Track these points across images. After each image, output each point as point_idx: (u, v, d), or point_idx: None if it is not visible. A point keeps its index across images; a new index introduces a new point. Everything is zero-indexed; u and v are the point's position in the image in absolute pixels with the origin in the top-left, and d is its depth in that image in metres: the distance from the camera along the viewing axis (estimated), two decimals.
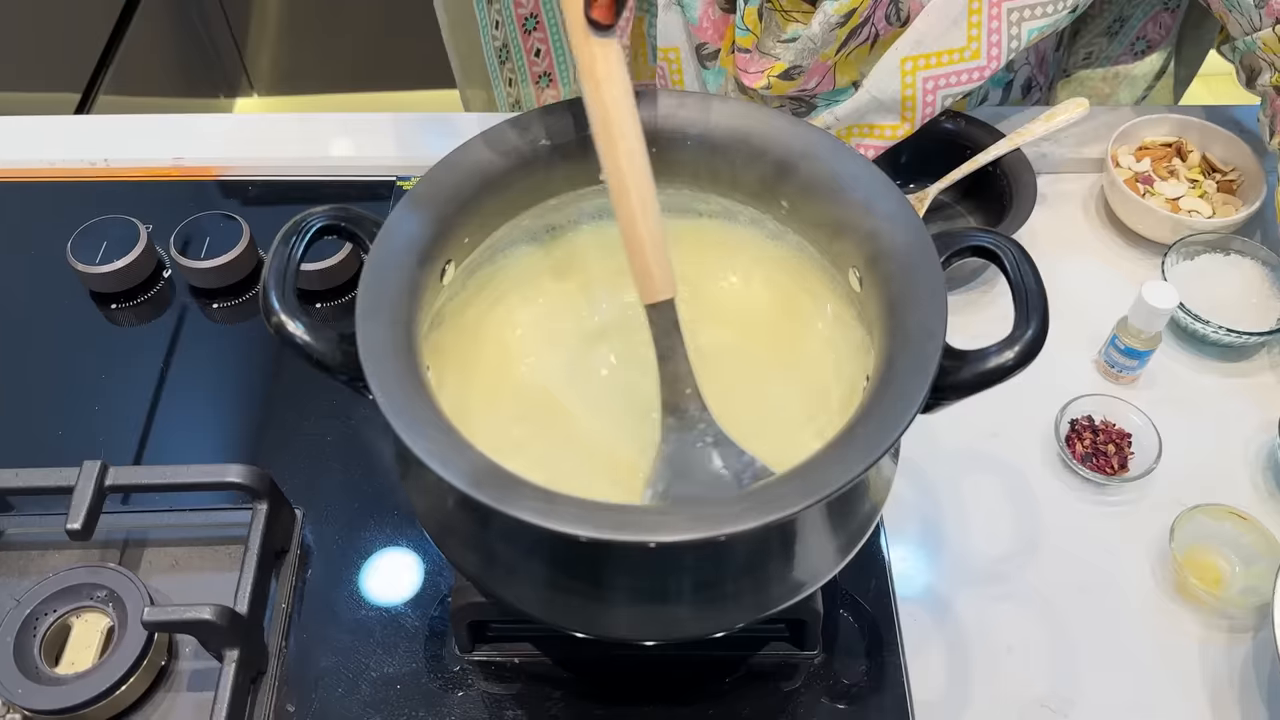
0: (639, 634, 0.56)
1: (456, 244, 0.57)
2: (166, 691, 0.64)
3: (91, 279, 0.83)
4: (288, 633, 0.67)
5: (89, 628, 0.65)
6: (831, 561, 0.55)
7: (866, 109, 0.82)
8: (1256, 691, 0.65)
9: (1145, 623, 0.67)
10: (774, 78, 0.79)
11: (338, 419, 0.77)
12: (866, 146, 0.84)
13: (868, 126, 0.83)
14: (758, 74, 0.80)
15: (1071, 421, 0.75)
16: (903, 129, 0.82)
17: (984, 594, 0.69)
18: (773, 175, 0.59)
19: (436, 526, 0.57)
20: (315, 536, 0.71)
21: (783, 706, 0.64)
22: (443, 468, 0.45)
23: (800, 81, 0.80)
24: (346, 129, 0.95)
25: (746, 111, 0.59)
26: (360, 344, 0.49)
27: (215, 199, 0.91)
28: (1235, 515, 0.69)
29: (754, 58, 0.80)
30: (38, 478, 0.67)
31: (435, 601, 0.68)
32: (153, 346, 0.82)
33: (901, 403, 0.48)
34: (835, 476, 0.46)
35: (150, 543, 0.70)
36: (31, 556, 0.70)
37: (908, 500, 0.72)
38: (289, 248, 0.53)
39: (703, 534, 0.44)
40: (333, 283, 0.83)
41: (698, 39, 0.83)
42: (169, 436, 0.77)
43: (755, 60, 0.80)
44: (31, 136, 0.96)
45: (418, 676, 0.65)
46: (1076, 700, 0.64)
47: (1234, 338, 0.77)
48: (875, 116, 0.82)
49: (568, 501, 0.45)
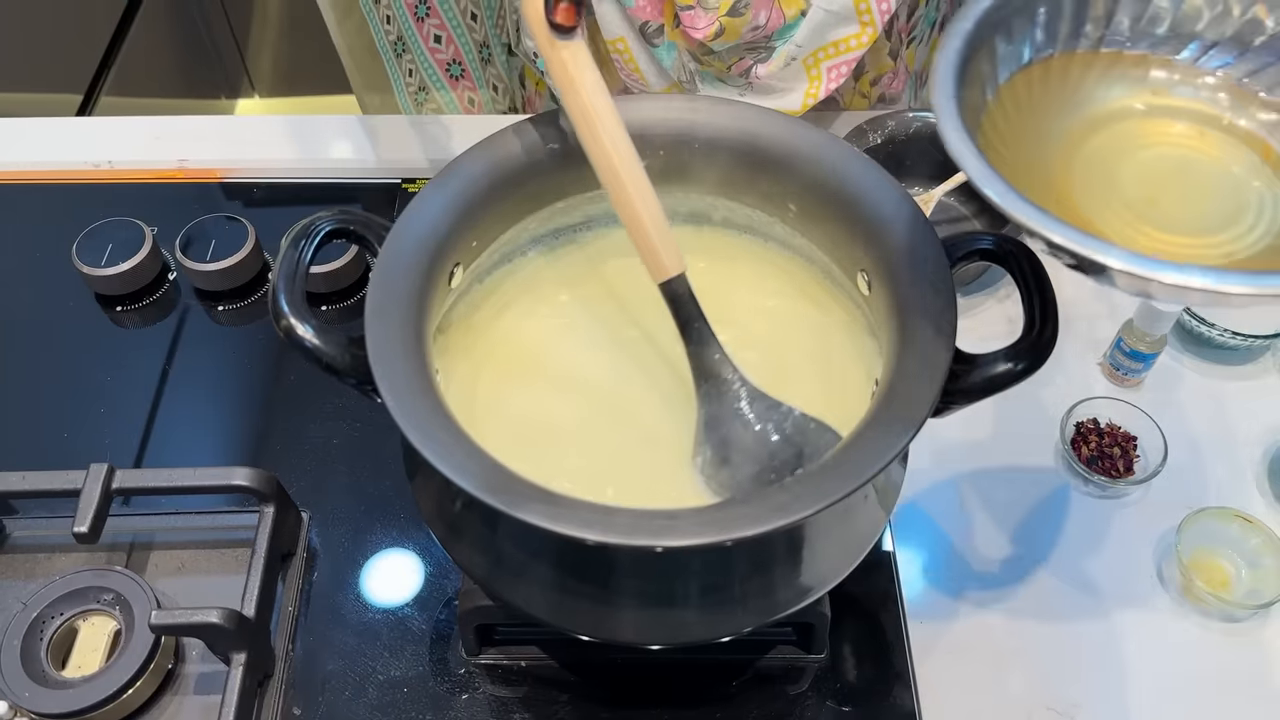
0: (646, 638, 0.56)
1: (465, 247, 0.57)
2: (173, 695, 0.64)
3: (97, 281, 0.83)
4: (294, 636, 0.67)
5: (96, 631, 0.65)
6: (839, 566, 0.55)
7: (823, 27, 0.80)
8: (1263, 694, 0.65)
9: (1151, 625, 0.67)
10: (723, 17, 0.78)
11: (343, 421, 0.77)
12: (837, 65, 0.82)
13: (831, 45, 0.81)
14: (706, 26, 0.79)
15: (1077, 424, 0.75)
16: (866, 34, 0.80)
17: (990, 597, 0.69)
18: (781, 179, 0.59)
19: (444, 529, 0.57)
20: (321, 539, 0.71)
21: (789, 710, 0.64)
22: (453, 472, 0.45)
23: (749, 18, 0.78)
24: (352, 131, 0.95)
25: (755, 115, 0.59)
26: (369, 347, 0.49)
27: (220, 201, 0.91)
28: (1241, 518, 0.69)
29: (698, 14, 0.79)
30: (44, 480, 0.67)
31: (442, 604, 0.68)
32: (158, 349, 0.82)
33: (911, 407, 0.48)
34: (844, 482, 0.46)
35: (157, 546, 0.70)
36: (38, 559, 0.70)
37: (915, 504, 0.73)
38: (298, 251, 0.53)
39: (710, 539, 0.44)
40: (339, 285, 0.83)
41: (639, 20, 0.82)
42: (174, 439, 0.77)
43: (700, 15, 0.79)
44: (36, 139, 0.96)
45: (424, 679, 0.65)
46: (1083, 703, 0.64)
47: (1239, 340, 0.77)
48: (835, 32, 0.80)
49: (575, 505, 0.45)
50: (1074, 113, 0.52)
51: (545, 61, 0.54)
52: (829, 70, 0.82)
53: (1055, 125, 0.51)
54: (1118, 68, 0.53)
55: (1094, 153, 0.51)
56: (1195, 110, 0.52)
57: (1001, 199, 0.43)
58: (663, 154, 0.60)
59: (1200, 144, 0.51)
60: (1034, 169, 0.49)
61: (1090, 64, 0.53)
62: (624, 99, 0.63)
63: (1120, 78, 0.53)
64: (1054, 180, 0.49)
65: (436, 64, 1.02)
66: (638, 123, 0.59)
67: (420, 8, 0.97)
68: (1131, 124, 0.52)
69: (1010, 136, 0.50)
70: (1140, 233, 0.47)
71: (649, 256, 0.54)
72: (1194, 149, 0.51)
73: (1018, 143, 0.50)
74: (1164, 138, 0.52)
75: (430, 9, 0.97)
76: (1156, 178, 0.50)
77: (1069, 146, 0.51)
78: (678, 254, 0.55)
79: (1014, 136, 0.50)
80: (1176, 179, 0.50)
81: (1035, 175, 0.49)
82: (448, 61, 1.02)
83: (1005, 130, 0.50)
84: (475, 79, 1.04)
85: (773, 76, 0.83)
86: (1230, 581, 0.69)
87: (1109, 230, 0.47)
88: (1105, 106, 0.52)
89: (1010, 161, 0.48)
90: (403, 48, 0.99)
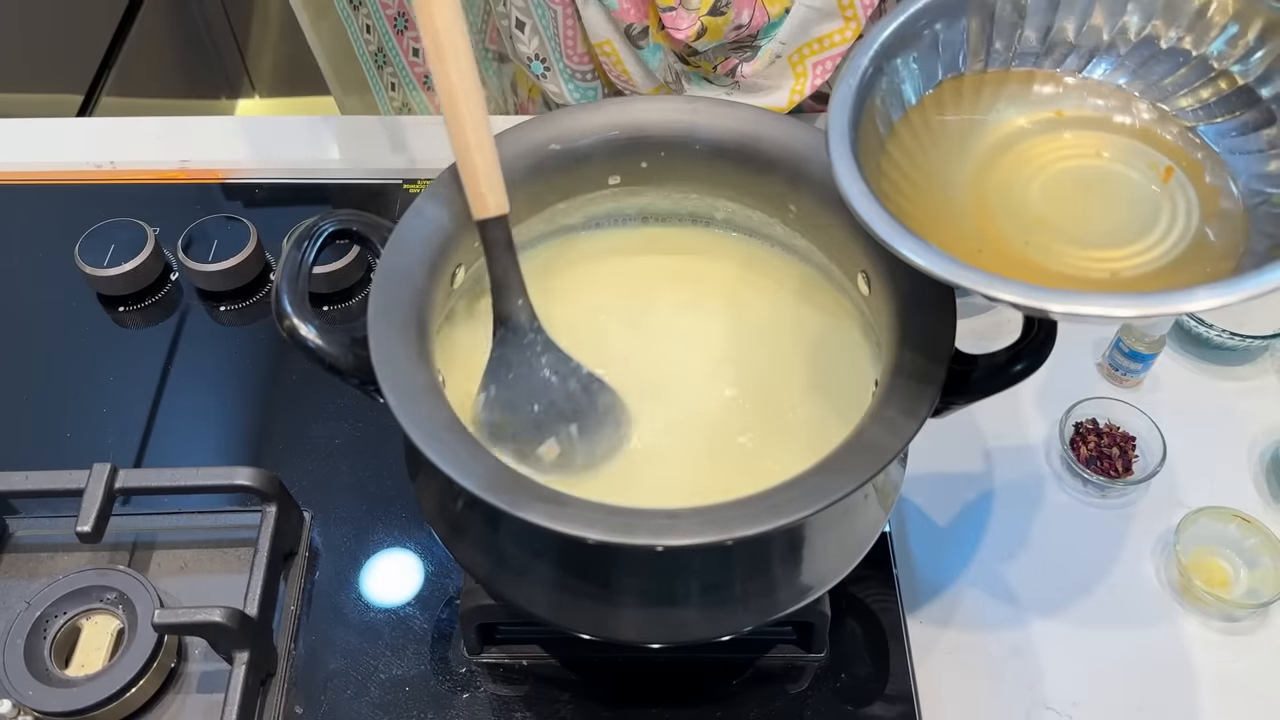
0: (647, 636, 0.56)
1: (467, 248, 0.58)
2: (176, 693, 0.64)
3: (99, 282, 0.83)
4: (296, 635, 0.67)
5: (99, 630, 0.65)
6: (839, 565, 0.55)
7: (807, 23, 0.80)
8: (1261, 694, 0.65)
9: (1149, 625, 0.68)
10: (704, 16, 0.78)
11: (345, 421, 0.77)
12: (822, 60, 0.82)
13: (816, 41, 0.81)
14: (689, 27, 0.79)
15: (1076, 425, 0.75)
16: (850, 29, 0.80)
17: (989, 596, 0.69)
18: (781, 179, 0.59)
19: (446, 529, 0.57)
20: (324, 539, 0.71)
21: (789, 709, 0.64)
22: (455, 472, 0.46)
23: (731, 17, 0.78)
24: (355, 132, 0.95)
25: (755, 116, 0.59)
26: (372, 348, 0.50)
27: (222, 202, 0.92)
28: (1239, 518, 0.69)
29: (680, 14, 0.79)
30: (47, 480, 0.67)
31: (443, 603, 0.68)
32: (160, 349, 0.82)
33: (910, 407, 0.48)
34: (844, 481, 0.46)
35: (159, 545, 0.70)
36: (41, 559, 0.70)
37: (914, 503, 0.73)
38: (301, 252, 0.53)
39: (711, 538, 0.45)
40: (341, 286, 0.84)
41: (623, 23, 0.83)
42: (177, 439, 0.77)
43: (682, 16, 0.79)
44: (38, 139, 0.96)
45: (426, 678, 0.65)
46: (1081, 702, 0.65)
47: (1238, 341, 0.77)
48: (819, 28, 0.80)
49: (578, 504, 0.46)
50: (973, 142, 0.52)
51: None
52: (814, 66, 0.83)
53: (957, 160, 0.52)
54: (1006, 87, 0.54)
55: (1000, 181, 0.51)
56: (1088, 118, 0.53)
57: (884, 233, 0.44)
58: (663, 154, 0.60)
59: (1100, 153, 0.52)
60: (950, 206, 0.50)
61: (979, 87, 0.54)
62: (626, 100, 0.64)
63: (1011, 98, 0.54)
64: (968, 215, 0.50)
65: (415, 77, 1.02)
66: (638, 123, 0.60)
67: (399, 20, 0.97)
68: (1030, 144, 0.52)
69: (917, 177, 0.51)
70: (1064, 253, 0.48)
71: (474, 195, 0.55)
72: (1094, 160, 0.52)
73: (926, 182, 0.51)
74: (1065, 152, 0.52)
75: (410, 23, 0.98)
76: (1066, 195, 0.51)
77: (975, 178, 0.51)
78: (503, 196, 0.55)
79: (921, 176, 0.51)
80: (1087, 193, 0.51)
81: (953, 212, 0.50)
82: (426, 74, 1.02)
83: (910, 170, 0.51)
84: None
85: (759, 75, 0.83)
86: (1229, 581, 0.69)
87: (1036, 258, 0.48)
88: (1000, 130, 0.53)
89: (919, 203, 0.49)
90: (383, 60, 1.00)
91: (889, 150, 0.51)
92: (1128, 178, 0.51)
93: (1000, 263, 0.47)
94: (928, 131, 0.52)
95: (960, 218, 0.50)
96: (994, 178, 0.51)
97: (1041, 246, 0.48)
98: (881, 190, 0.47)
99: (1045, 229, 0.49)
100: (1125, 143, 0.52)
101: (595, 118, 0.59)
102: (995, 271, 0.42)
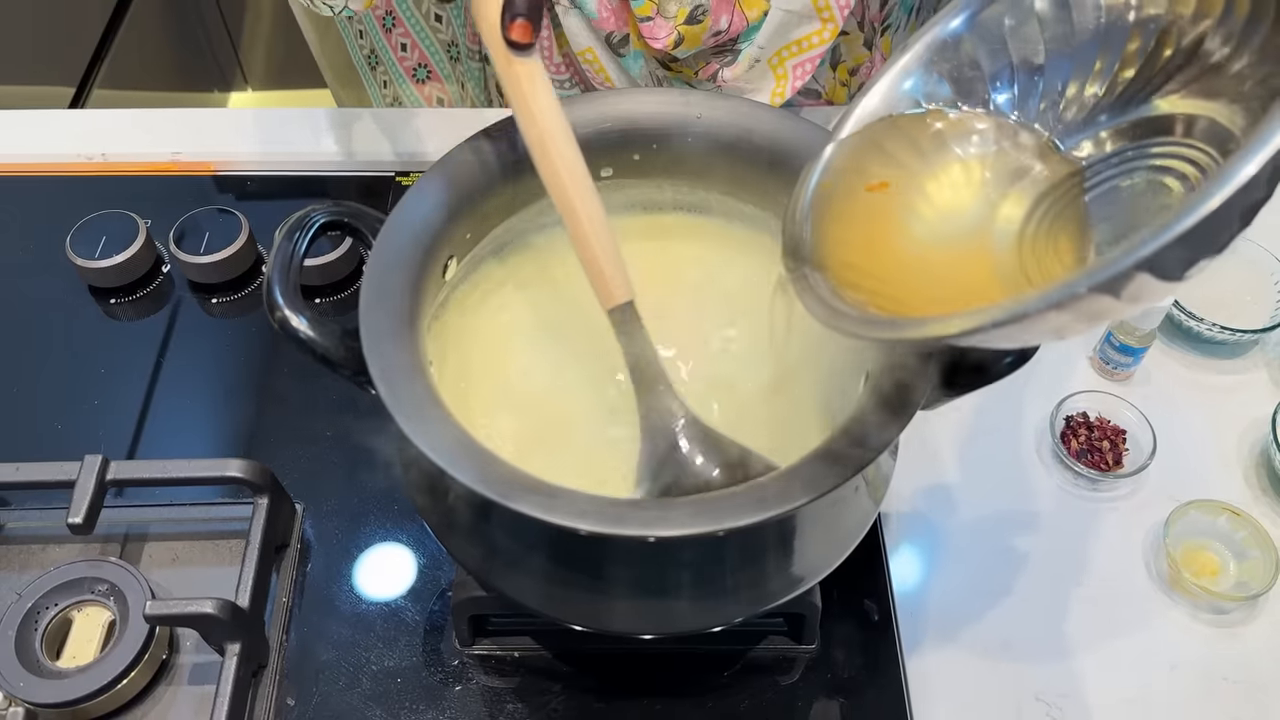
0: (638, 627, 0.56)
1: (459, 240, 0.58)
2: (168, 685, 0.64)
3: (91, 274, 0.83)
4: (288, 627, 0.67)
5: (90, 621, 0.65)
6: (830, 557, 0.55)
7: (785, 26, 0.81)
8: (1250, 685, 0.65)
9: (1140, 617, 0.68)
10: (681, 25, 0.78)
11: (337, 413, 0.77)
12: (802, 62, 0.83)
13: (794, 44, 0.82)
14: (666, 35, 0.79)
15: (1067, 418, 0.76)
16: (828, 30, 0.81)
17: (980, 589, 0.69)
18: (773, 170, 0.59)
19: (438, 520, 0.57)
20: (315, 531, 0.71)
21: (781, 700, 0.64)
22: (447, 463, 0.46)
23: (709, 24, 0.79)
24: (347, 124, 0.95)
25: (749, 109, 0.59)
26: (363, 339, 0.50)
27: (214, 194, 0.91)
28: (1229, 510, 0.70)
29: (657, 23, 0.80)
30: (38, 472, 0.67)
31: (435, 595, 0.68)
32: (152, 341, 0.82)
33: (902, 399, 0.48)
34: (835, 473, 0.46)
35: (151, 537, 0.70)
36: (32, 550, 0.70)
37: (905, 495, 0.73)
38: (292, 243, 0.53)
39: (702, 529, 0.45)
40: (333, 278, 0.84)
41: (603, 31, 0.83)
42: (168, 431, 0.77)
43: (659, 25, 0.80)
44: (30, 131, 0.96)
45: (418, 670, 0.65)
46: (1071, 694, 0.65)
47: (1228, 335, 0.78)
48: (796, 30, 0.81)
49: (569, 496, 0.46)
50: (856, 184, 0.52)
51: (500, 78, 0.53)
52: (794, 68, 0.83)
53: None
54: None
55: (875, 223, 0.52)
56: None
57: None
58: (655, 147, 0.60)
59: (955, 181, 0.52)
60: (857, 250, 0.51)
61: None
62: (618, 92, 0.64)
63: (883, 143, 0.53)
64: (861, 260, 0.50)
65: (404, 71, 1.03)
66: (631, 116, 0.60)
67: (387, 19, 0.98)
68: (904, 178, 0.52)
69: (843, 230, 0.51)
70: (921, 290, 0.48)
71: (599, 284, 0.53)
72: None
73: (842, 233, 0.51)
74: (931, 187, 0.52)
75: (396, 19, 0.98)
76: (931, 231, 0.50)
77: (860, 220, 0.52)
78: (626, 281, 0.54)
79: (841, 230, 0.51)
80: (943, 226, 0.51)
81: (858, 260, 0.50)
82: (413, 66, 1.03)
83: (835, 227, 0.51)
84: (444, 76, 1.04)
85: (740, 78, 0.84)
86: (1218, 574, 0.69)
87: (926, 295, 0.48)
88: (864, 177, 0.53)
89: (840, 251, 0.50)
90: (375, 60, 1.01)
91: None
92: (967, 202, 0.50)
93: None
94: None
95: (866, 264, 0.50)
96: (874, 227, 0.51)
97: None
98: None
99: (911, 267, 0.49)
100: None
101: (588, 110, 0.59)
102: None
